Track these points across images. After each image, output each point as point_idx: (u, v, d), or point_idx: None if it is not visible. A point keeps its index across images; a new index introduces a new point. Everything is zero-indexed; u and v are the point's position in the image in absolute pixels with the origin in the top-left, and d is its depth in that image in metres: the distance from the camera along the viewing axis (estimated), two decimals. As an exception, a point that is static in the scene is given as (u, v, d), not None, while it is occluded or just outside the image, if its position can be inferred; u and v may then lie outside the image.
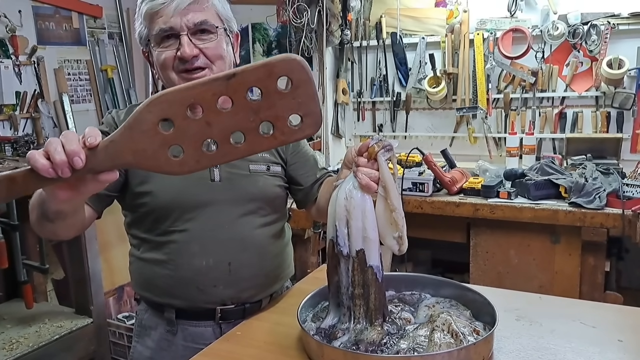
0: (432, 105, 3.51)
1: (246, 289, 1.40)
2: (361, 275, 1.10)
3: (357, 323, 1.12)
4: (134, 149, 0.85)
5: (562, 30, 2.97)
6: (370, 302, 1.11)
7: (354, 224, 1.08)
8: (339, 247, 1.10)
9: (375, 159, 1.09)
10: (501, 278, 2.70)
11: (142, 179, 1.35)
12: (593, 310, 1.37)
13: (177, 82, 1.29)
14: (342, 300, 1.13)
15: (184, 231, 1.35)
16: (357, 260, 1.10)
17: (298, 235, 2.84)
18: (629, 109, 2.94)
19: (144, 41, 1.34)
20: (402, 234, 1.10)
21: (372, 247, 1.10)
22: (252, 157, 1.39)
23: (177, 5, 1.26)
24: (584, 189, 2.48)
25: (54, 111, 3.70)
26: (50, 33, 3.71)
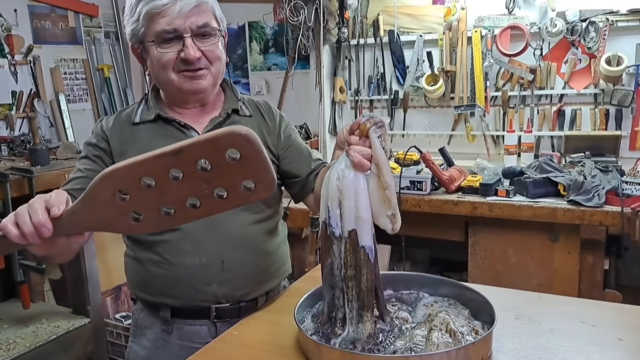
0: (430, 104, 3.50)
1: (240, 287, 1.40)
2: (353, 256, 1.09)
3: (351, 309, 1.11)
4: (95, 217, 0.92)
5: (561, 27, 2.96)
6: (362, 283, 1.10)
7: (346, 204, 1.07)
8: (331, 228, 1.09)
9: (367, 136, 1.07)
10: (500, 277, 2.69)
11: None
12: (593, 309, 1.36)
13: (176, 82, 1.33)
14: (335, 283, 1.12)
15: (177, 230, 1.34)
16: (349, 240, 1.08)
17: (295, 235, 2.83)
18: (628, 106, 2.93)
19: (138, 39, 1.33)
20: (396, 211, 1.08)
21: (365, 227, 1.08)
22: None
23: (182, 8, 1.27)
24: (583, 187, 2.47)
25: (50, 111, 3.70)
26: (46, 32, 3.70)
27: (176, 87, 1.34)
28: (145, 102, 1.44)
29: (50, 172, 2.69)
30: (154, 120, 1.39)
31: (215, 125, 1.39)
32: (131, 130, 1.40)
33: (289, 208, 2.77)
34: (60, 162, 2.89)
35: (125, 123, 1.42)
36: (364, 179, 1.08)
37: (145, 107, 1.43)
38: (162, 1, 1.27)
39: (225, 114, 1.42)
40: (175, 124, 1.39)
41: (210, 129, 1.38)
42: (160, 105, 1.43)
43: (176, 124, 1.39)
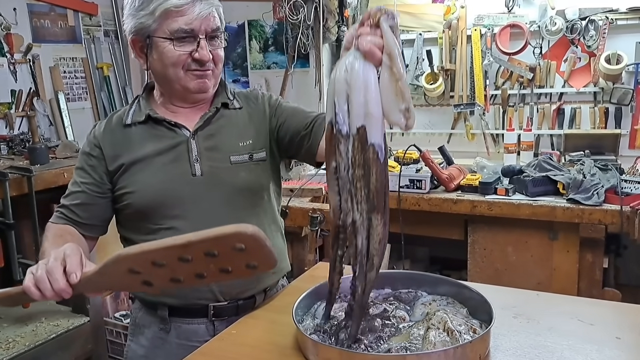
0: (429, 102, 3.50)
1: (237, 284, 1.40)
2: (361, 155, 1.01)
3: (361, 212, 1.04)
4: (109, 283, 1.06)
5: (560, 25, 2.96)
6: (372, 183, 1.02)
7: (355, 98, 1.00)
8: (337, 126, 1.02)
9: (378, 25, 1.00)
10: (499, 275, 2.69)
11: (126, 183, 1.38)
12: (591, 308, 1.35)
13: (183, 80, 1.35)
14: (342, 186, 1.05)
15: (170, 229, 1.35)
16: (358, 138, 1.01)
17: (295, 233, 2.82)
18: (628, 105, 2.93)
19: (145, 33, 1.33)
20: (410, 105, 1.00)
21: (374, 123, 1.01)
22: (233, 148, 1.41)
23: (201, 10, 1.30)
24: (582, 186, 2.47)
25: (50, 109, 3.69)
26: (45, 31, 3.70)
27: (182, 85, 1.36)
28: (137, 103, 1.45)
29: (50, 170, 2.69)
30: (145, 121, 1.40)
31: (205, 121, 1.40)
32: (123, 132, 1.41)
33: (288, 207, 2.77)
34: (59, 161, 2.90)
35: (117, 126, 1.43)
36: (375, 72, 1.01)
37: (137, 108, 1.44)
38: (181, 0, 1.29)
39: (215, 108, 1.43)
40: (166, 123, 1.39)
41: (201, 125, 1.40)
42: (151, 105, 1.44)
43: (166, 123, 1.39)
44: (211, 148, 1.39)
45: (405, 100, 1.00)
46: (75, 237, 1.36)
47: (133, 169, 1.37)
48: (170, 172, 1.37)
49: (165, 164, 1.37)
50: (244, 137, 1.43)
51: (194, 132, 1.39)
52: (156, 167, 1.37)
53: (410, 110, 1.00)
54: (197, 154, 1.38)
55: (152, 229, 1.37)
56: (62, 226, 1.39)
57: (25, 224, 2.68)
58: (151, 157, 1.37)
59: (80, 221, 1.40)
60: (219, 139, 1.41)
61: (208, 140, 1.40)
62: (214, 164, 1.38)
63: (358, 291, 1.08)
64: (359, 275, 1.07)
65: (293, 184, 3.04)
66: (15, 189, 2.52)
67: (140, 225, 1.38)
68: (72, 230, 1.38)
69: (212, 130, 1.41)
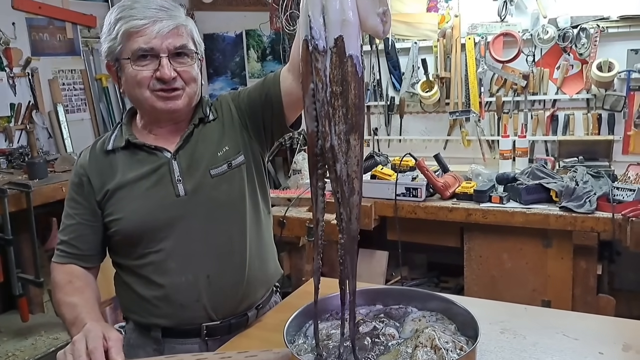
0: (425, 109, 3.53)
1: (229, 298, 1.42)
2: (340, 70, 0.95)
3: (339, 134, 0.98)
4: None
5: (552, 34, 2.98)
6: (350, 99, 0.97)
7: (330, 6, 0.94)
8: (314, 41, 0.95)
9: None
10: (495, 282, 2.72)
11: (112, 210, 1.39)
12: (577, 322, 1.38)
13: (150, 100, 1.34)
14: (319, 110, 0.98)
15: (159, 251, 1.37)
16: (336, 50, 0.95)
17: (292, 243, 2.86)
18: (620, 111, 2.96)
19: (114, 56, 1.35)
20: (387, 8, 0.96)
21: (352, 31, 0.95)
22: (212, 160, 1.40)
23: (160, 29, 1.30)
24: (575, 193, 2.49)
25: (49, 121, 3.73)
26: (44, 44, 3.74)
27: (150, 105, 1.36)
28: (119, 128, 1.46)
29: (48, 185, 2.72)
30: (126, 146, 1.41)
31: (184, 140, 1.41)
32: (106, 159, 1.42)
33: (285, 217, 2.80)
34: (58, 175, 2.93)
35: (100, 153, 1.44)
36: None
37: (118, 134, 1.45)
38: (142, 21, 1.29)
39: (193, 125, 1.43)
40: (146, 148, 1.40)
41: (181, 145, 1.40)
42: (132, 130, 1.44)
43: (147, 148, 1.40)
44: (192, 166, 1.40)
45: (383, 3, 0.96)
46: (83, 279, 1.40)
47: (117, 195, 1.39)
48: (154, 196, 1.38)
49: (148, 188, 1.38)
50: (220, 146, 1.43)
51: (174, 152, 1.40)
52: (140, 193, 1.38)
53: (387, 14, 0.96)
54: (179, 174, 1.38)
55: (141, 253, 1.38)
56: (68, 268, 1.41)
57: (25, 239, 2.71)
58: (134, 182, 1.38)
59: (82, 254, 1.42)
60: (198, 155, 1.41)
61: (188, 158, 1.40)
62: (196, 181, 1.39)
63: (345, 219, 1.02)
64: (342, 202, 1.01)
65: (291, 193, 3.07)
66: (13, 204, 2.56)
67: (131, 251, 1.40)
68: (78, 272, 1.41)
69: (192, 148, 1.42)
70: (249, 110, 1.46)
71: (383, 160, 3.08)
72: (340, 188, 1.00)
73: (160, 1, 1.35)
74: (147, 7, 1.32)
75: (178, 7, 1.38)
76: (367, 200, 2.85)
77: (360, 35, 0.97)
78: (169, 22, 1.31)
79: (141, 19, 1.30)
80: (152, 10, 1.31)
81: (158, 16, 1.31)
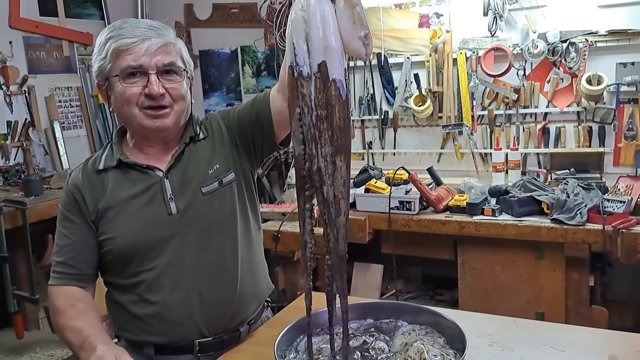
0: (419, 123, 3.56)
1: (222, 314, 1.43)
2: (324, 94, 0.99)
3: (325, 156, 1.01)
4: None
5: (542, 48, 3.02)
6: (335, 123, 1.00)
7: (313, 34, 0.97)
8: (298, 67, 0.99)
9: None
10: (489, 294, 2.73)
11: (105, 229, 1.40)
12: (565, 334, 1.40)
13: (138, 117, 1.36)
14: (306, 133, 1.01)
15: (152, 269, 1.38)
16: (320, 75, 0.98)
17: (287, 258, 2.88)
18: (610, 124, 2.99)
19: (104, 75, 1.38)
20: (368, 31, 0.99)
21: (335, 56, 0.98)
22: (203, 178, 1.42)
23: (148, 47, 1.33)
24: (566, 205, 2.52)
25: (45, 139, 3.75)
26: (41, 62, 3.77)
27: (138, 123, 1.37)
28: (110, 148, 1.48)
29: (44, 202, 2.74)
30: (117, 166, 1.42)
31: (176, 159, 1.43)
32: (98, 179, 1.43)
33: (280, 231, 2.82)
34: (53, 192, 2.95)
35: (92, 172, 1.45)
36: (330, 3, 0.99)
37: (109, 153, 1.46)
38: (131, 39, 1.32)
39: (184, 144, 1.45)
40: (138, 167, 1.42)
41: (173, 163, 1.42)
42: (122, 149, 1.46)
43: (138, 167, 1.42)
44: (183, 184, 1.41)
45: (364, 27, 0.99)
46: (85, 302, 1.39)
47: (109, 214, 1.39)
48: (146, 214, 1.39)
49: (141, 207, 1.39)
50: (211, 164, 1.45)
51: (166, 171, 1.42)
52: (132, 212, 1.39)
53: (369, 37, 0.99)
54: (171, 192, 1.40)
55: (134, 271, 1.40)
56: (67, 291, 1.40)
57: (20, 256, 2.72)
58: (126, 201, 1.39)
59: (81, 273, 1.42)
60: (189, 174, 1.43)
61: (180, 177, 1.42)
62: (188, 199, 1.40)
63: (332, 241, 1.05)
64: (329, 223, 1.04)
65: (285, 207, 3.09)
66: (9, 221, 2.57)
67: (123, 269, 1.41)
68: (79, 294, 1.40)
69: (183, 166, 1.43)
70: (239, 129, 1.49)
71: (377, 174, 3.11)
72: (327, 210, 1.03)
73: (149, 21, 1.39)
74: (137, 27, 1.35)
75: (167, 28, 1.41)
76: (361, 214, 2.88)
77: (344, 59, 1.01)
78: (157, 40, 1.35)
79: (130, 37, 1.33)
80: (141, 30, 1.35)
81: (147, 34, 1.34)
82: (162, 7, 4.41)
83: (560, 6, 3.04)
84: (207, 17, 4.26)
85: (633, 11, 2.90)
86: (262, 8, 3.94)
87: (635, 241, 2.33)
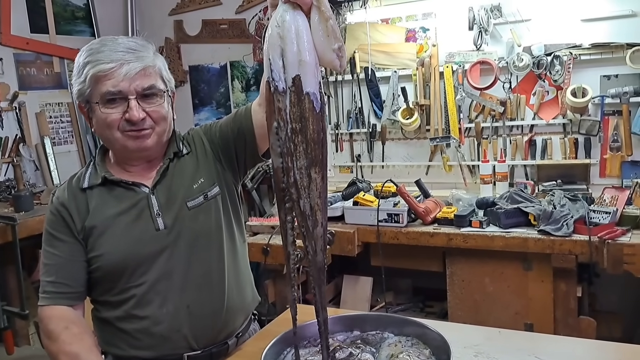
0: (406, 136, 3.59)
1: (210, 327, 1.44)
2: (297, 107, 1.00)
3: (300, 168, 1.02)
4: None
5: (527, 61, 3.07)
6: (309, 135, 1.01)
7: (288, 49, 0.99)
8: (274, 82, 1.00)
9: None
10: (478, 306, 2.75)
11: (92, 247, 1.40)
12: (549, 344, 1.42)
13: (121, 140, 1.37)
14: (282, 146, 1.03)
15: (141, 285, 1.39)
16: (294, 89, 1.00)
17: (277, 271, 2.88)
18: (596, 135, 3.03)
19: (84, 98, 1.37)
20: (342, 44, 1.01)
21: (308, 70, 1.00)
22: (188, 193, 1.43)
23: (127, 71, 1.32)
24: (552, 217, 2.54)
25: (36, 154, 3.76)
26: (31, 78, 3.79)
27: (121, 145, 1.38)
28: (93, 165, 1.48)
29: (34, 217, 2.75)
30: (102, 183, 1.42)
31: (161, 174, 1.44)
32: (82, 196, 1.43)
33: (269, 244, 2.83)
34: (43, 207, 2.95)
35: (77, 190, 1.44)
36: (304, 18, 1.01)
37: (93, 171, 1.46)
38: (109, 65, 1.31)
39: (168, 159, 1.46)
40: (123, 184, 1.42)
41: (158, 179, 1.43)
42: (106, 166, 1.46)
43: (124, 184, 1.42)
44: (170, 199, 1.42)
45: (338, 39, 1.01)
46: (79, 324, 1.38)
47: (96, 232, 1.39)
48: (134, 231, 1.39)
49: (128, 223, 1.40)
50: (195, 178, 1.46)
51: (152, 187, 1.42)
52: (120, 228, 1.39)
53: (342, 49, 1.02)
54: (158, 208, 1.41)
55: (123, 288, 1.40)
56: (59, 313, 1.38)
57: (10, 271, 2.72)
58: (113, 218, 1.40)
59: (73, 291, 1.41)
60: (175, 189, 1.43)
61: (166, 192, 1.43)
62: (175, 214, 1.41)
63: (310, 252, 1.05)
64: (307, 235, 1.05)
65: (275, 220, 3.09)
66: (-1, 237, 2.57)
67: (112, 286, 1.41)
68: (71, 316, 1.39)
69: (168, 182, 1.44)
70: (221, 143, 1.50)
71: (365, 187, 3.13)
72: (305, 222, 1.04)
73: (127, 42, 1.37)
74: (114, 50, 1.33)
75: (146, 46, 1.40)
76: (350, 227, 2.89)
77: (319, 72, 1.03)
78: (136, 65, 1.33)
79: (108, 62, 1.31)
80: (119, 54, 1.33)
81: (125, 59, 1.33)
82: (152, 23, 4.44)
83: (545, 20, 3.09)
84: (196, 33, 4.30)
85: (615, 25, 2.95)
86: (251, 24, 3.99)
87: (621, 252, 2.36)
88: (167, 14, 4.37)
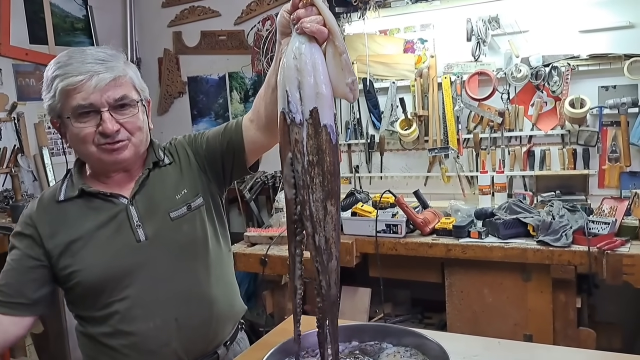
0: (405, 147, 3.59)
1: (199, 338, 1.42)
2: (315, 140, 1.01)
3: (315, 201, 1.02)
4: None
5: (525, 72, 3.08)
6: (325, 167, 1.02)
7: (306, 82, 1.00)
8: (291, 114, 1.01)
9: (312, 3, 1.02)
10: (477, 317, 2.73)
11: (70, 262, 1.36)
12: (549, 355, 1.41)
13: (96, 155, 1.34)
14: (298, 178, 1.03)
15: (124, 299, 1.36)
16: (311, 121, 1.01)
17: (275, 282, 2.87)
18: (594, 146, 3.03)
19: (56, 113, 1.34)
20: (355, 77, 1.03)
21: (325, 102, 1.02)
22: (171, 203, 1.41)
23: (97, 83, 1.28)
24: (551, 227, 2.54)
25: (34, 165, 3.75)
26: (30, 89, 3.79)
27: (97, 159, 1.35)
28: (69, 178, 1.45)
29: (31, 228, 2.73)
30: (79, 195, 1.39)
31: (140, 185, 1.42)
32: (58, 209, 1.40)
33: (267, 255, 2.82)
34: (41, 218, 2.94)
35: (50, 203, 1.41)
36: (320, 51, 1.03)
37: (69, 183, 1.43)
38: (78, 77, 1.27)
39: (147, 169, 1.44)
40: (101, 195, 1.40)
41: (137, 190, 1.41)
42: (83, 179, 1.43)
43: (102, 195, 1.40)
44: (150, 210, 1.40)
45: (351, 73, 1.03)
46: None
47: (75, 246, 1.36)
48: (114, 243, 1.37)
49: (108, 236, 1.37)
50: (178, 188, 1.44)
51: (131, 198, 1.40)
52: (100, 242, 1.36)
53: (355, 83, 1.03)
54: (138, 219, 1.38)
55: (105, 303, 1.37)
56: None
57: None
58: (92, 231, 1.37)
59: (9, 301, 1.37)
60: (156, 199, 1.41)
61: (146, 202, 1.40)
62: (157, 225, 1.39)
63: (324, 287, 1.05)
64: (321, 271, 1.04)
65: (273, 231, 3.09)
66: (-4, 247, 2.56)
67: (94, 302, 1.38)
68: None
69: (149, 192, 1.42)
70: (208, 156, 1.48)
71: (364, 198, 3.13)
72: (320, 256, 1.03)
73: (96, 53, 1.34)
74: (83, 62, 1.30)
75: (116, 56, 1.37)
76: (348, 238, 2.88)
77: (334, 104, 1.05)
78: (106, 75, 1.30)
79: (77, 75, 1.28)
80: (88, 65, 1.29)
81: (94, 70, 1.29)
82: (151, 34, 4.46)
83: (542, 31, 3.10)
84: (195, 44, 4.31)
85: (613, 36, 2.96)
86: (249, 35, 4.00)
87: (620, 262, 2.35)
88: (166, 25, 4.38)
